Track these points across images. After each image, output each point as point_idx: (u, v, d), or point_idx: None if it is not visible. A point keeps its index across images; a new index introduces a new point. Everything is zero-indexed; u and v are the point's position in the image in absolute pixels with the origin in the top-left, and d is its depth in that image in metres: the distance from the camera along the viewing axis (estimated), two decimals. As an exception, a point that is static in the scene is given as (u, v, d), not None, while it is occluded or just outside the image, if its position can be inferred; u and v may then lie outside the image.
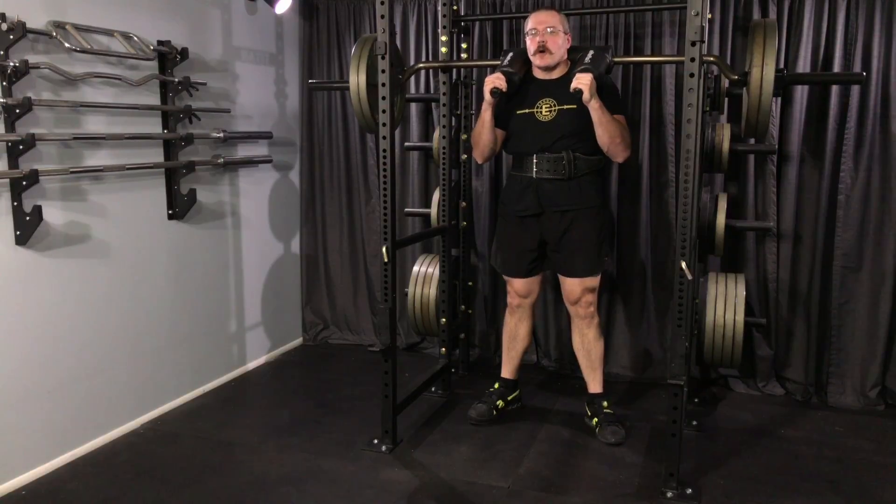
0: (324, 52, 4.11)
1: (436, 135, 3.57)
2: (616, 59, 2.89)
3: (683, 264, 2.39)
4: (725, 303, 3.04)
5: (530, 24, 2.84)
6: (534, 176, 2.92)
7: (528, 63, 2.93)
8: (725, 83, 3.12)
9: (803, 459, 2.81)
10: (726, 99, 3.20)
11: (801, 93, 3.28)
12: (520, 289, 3.12)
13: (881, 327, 3.28)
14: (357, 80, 2.82)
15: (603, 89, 2.78)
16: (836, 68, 3.20)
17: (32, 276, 2.62)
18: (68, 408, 2.79)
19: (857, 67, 3.16)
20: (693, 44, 2.28)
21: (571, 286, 2.99)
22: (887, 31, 3.12)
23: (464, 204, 3.69)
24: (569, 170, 2.87)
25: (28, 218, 2.52)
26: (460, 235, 3.69)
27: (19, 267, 2.57)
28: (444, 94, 3.34)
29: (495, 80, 2.81)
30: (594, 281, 2.99)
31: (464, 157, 3.64)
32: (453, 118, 3.47)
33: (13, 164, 2.47)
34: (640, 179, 3.55)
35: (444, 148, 3.37)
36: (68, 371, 2.78)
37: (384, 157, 2.78)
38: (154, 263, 3.17)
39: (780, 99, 3.29)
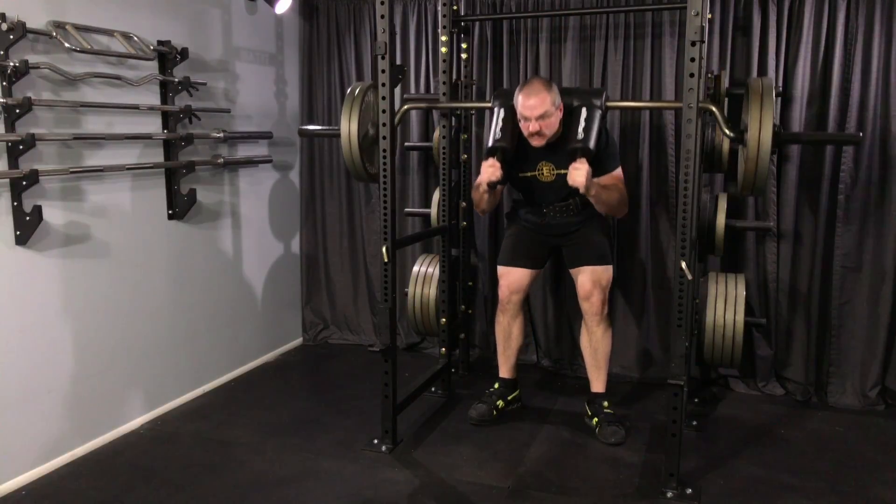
0: (324, 52, 4.11)
1: (436, 135, 3.57)
2: (611, 105, 2.86)
3: (683, 264, 2.40)
4: (725, 303, 3.04)
5: (520, 108, 2.74)
6: (544, 213, 3.05)
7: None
8: (726, 83, 3.12)
9: (803, 459, 2.81)
10: (726, 99, 3.20)
11: (801, 92, 3.28)
12: (513, 281, 3.12)
13: (881, 327, 3.28)
14: (348, 128, 2.83)
15: (598, 151, 2.76)
16: (836, 68, 3.20)
17: (32, 276, 2.62)
18: (68, 408, 2.79)
19: (858, 67, 3.16)
20: (693, 44, 2.28)
21: (583, 279, 3.01)
22: (887, 31, 3.12)
23: (464, 204, 3.69)
24: (577, 208, 3.01)
25: (28, 218, 2.52)
26: (460, 235, 3.68)
27: (19, 267, 2.56)
28: (444, 94, 3.34)
29: (491, 174, 2.77)
30: (605, 273, 3.02)
31: (464, 157, 3.64)
32: (453, 118, 3.47)
33: (13, 164, 2.47)
34: (641, 179, 3.55)
35: (444, 148, 3.37)
36: (68, 371, 2.78)
37: (384, 157, 2.78)
38: (154, 263, 3.17)
39: (780, 99, 3.29)
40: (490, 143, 2.85)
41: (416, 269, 3.61)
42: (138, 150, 3.03)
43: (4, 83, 2.43)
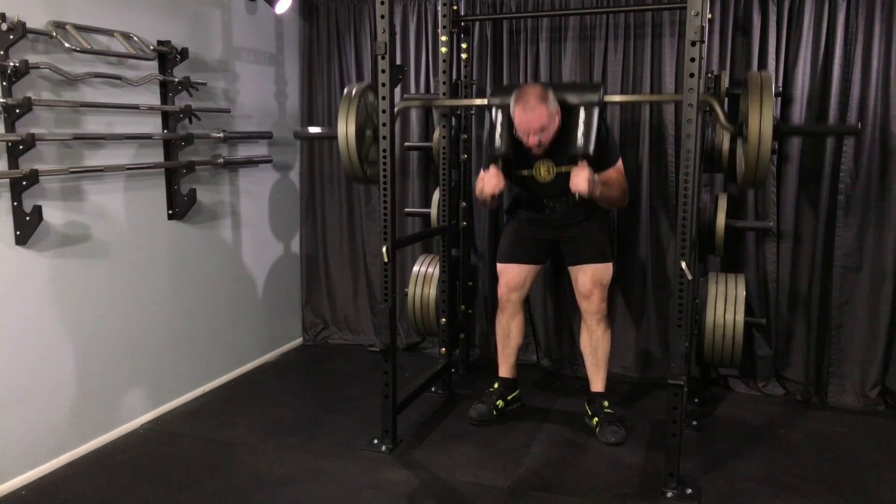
0: (324, 52, 4.11)
1: (436, 135, 3.57)
2: (608, 99, 2.85)
3: (683, 264, 2.40)
4: (725, 303, 3.04)
5: (517, 122, 2.71)
6: (544, 207, 3.04)
7: None
8: (726, 83, 3.12)
9: (803, 459, 2.81)
10: (726, 99, 3.20)
11: (801, 92, 3.28)
12: (511, 279, 3.12)
13: (881, 327, 3.28)
14: (346, 128, 2.82)
15: (598, 148, 2.76)
16: (836, 68, 3.20)
17: (32, 276, 2.62)
18: (68, 408, 2.79)
19: (858, 67, 3.16)
20: (693, 44, 2.28)
21: (583, 277, 3.02)
22: (887, 31, 3.12)
23: (464, 204, 3.69)
24: (576, 201, 2.89)
25: (28, 218, 2.52)
26: (460, 235, 3.68)
27: (19, 267, 2.57)
28: (444, 94, 3.34)
29: (494, 186, 2.80)
30: (605, 272, 3.02)
31: (464, 157, 3.65)
32: (453, 118, 3.47)
33: (13, 164, 2.48)
34: (641, 179, 3.55)
35: (444, 148, 3.37)
36: (68, 371, 2.78)
37: (384, 157, 2.78)
38: (154, 263, 3.17)
39: (780, 99, 3.29)
40: (491, 151, 2.87)
41: (416, 269, 3.61)
42: (138, 151, 3.03)
43: (4, 83, 2.43)
